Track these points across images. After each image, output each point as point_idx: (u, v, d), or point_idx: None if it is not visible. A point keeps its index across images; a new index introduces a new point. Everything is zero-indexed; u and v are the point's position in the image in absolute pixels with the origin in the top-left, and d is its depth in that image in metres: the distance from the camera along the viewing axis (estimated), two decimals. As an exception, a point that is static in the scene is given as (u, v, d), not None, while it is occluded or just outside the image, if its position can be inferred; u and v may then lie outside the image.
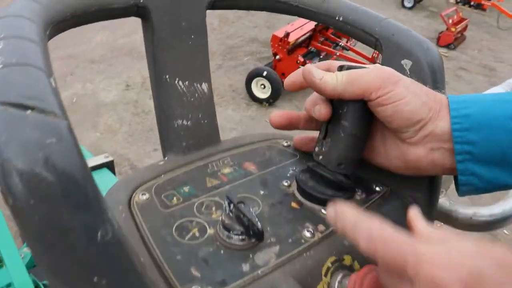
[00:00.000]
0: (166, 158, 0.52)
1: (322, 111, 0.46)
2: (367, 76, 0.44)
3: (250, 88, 4.56)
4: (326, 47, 4.39)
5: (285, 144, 0.58)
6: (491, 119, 0.41)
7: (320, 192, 0.46)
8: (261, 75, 4.38)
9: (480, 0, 10.41)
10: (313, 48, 4.42)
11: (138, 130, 3.77)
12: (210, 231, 0.42)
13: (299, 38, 4.32)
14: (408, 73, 0.52)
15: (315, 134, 0.52)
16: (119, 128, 3.92)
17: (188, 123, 0.53)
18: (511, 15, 8.77)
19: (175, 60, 0.52)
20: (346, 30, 0.58)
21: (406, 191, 0.52)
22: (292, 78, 0.51)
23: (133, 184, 0.46)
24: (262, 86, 4.49)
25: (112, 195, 0.45)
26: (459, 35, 6.84)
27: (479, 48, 7.06)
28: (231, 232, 0.40)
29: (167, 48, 0.52)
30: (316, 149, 0.48)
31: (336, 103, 0.46)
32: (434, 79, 0.51)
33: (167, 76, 0.52)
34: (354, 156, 0.46)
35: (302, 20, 5.76)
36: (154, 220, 0.42)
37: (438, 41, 6.52)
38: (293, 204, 0.46)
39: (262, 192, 0.48)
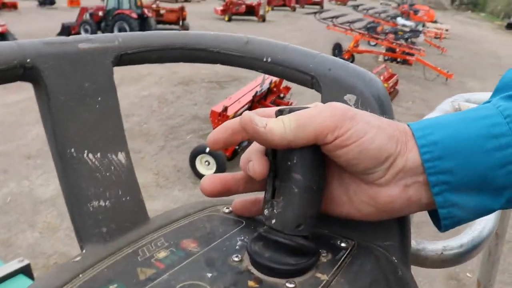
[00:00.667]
0: (83, 251, 0.44)
1: (256, 168, 0.41)
2: (319, 116, 0.39)
3: (195, 166, 4.56)
4: (266, 118, 4.45)
5: (227, 210, 0.51)
6: (463, 142, 0.37)
7: (280, 262, 0.40)
8: (204, 152, 4.40)
9: (405, 57, 11.20)
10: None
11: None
12: None
13: (237, 111, 4.40)
14: None
15: (258, 194, 0.46)
16: (60, 225, 3.73)
17: (107, 203, 0.46)
18: (435, 67, 9.44)
19: (80, 129, 0.45)
20: (277, 72, 0.53)
21: (374, 242, 0.47)
22: (215, 135, 0.44)
23: None
24: (207, 163, 4.48)
25: None
26: (392, 89, 7.23)
27: (412, 99, 7.47)
28: None
29: (69, 116, 0.45)
30: (266, 212, 0.42)
31: (281, 153, 0.41)
32: (382, 111, 0.48)
33: (72, 150, 0.45)
34: (313, 212, 0.41)
35: (240, 93, 5.90)
36: None
37: (374, 99, 6.83)
38: (250, 283, 0.39)
39: (209, 275, 0.39)
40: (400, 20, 15.49)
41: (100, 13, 14.94)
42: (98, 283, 0.39)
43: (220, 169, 4.26)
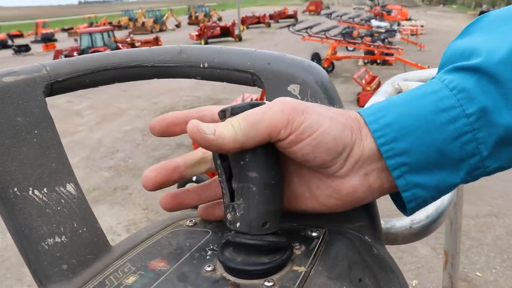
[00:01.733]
0: None
1: (147, 174, 0.43)
2: (270, 113, 0.38)
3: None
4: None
5: (191, 223, 0.49)
6: (415, 120, 0.38)
7: (254, 263, 0.39)
8: (191, 181, 4.32)
9: (385, 57, 11.27)
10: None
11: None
12: None
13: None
14: (300, 98, 0.48)
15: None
16: (48, 276, 3.57)
17: (63, 239, 0.43)
18: (414, 64, 9.47)
19: (20, 166, 0.43)
20: (217, 76, 0.53)
21: (345, 226, 0.47)
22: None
23: None
24: (195, 191, 4.37)
25: None
26: (375, 91, 7.27)
27: (397, 100, 7.50)
28: None
29: (6, 154, 0.43)
30: (229, 216, 0.41)
31: (233, 154, 0.39)
32: (330, 99, 0.48)
33: (15, 189, 0.43)
34: (277, 207, 0.41)
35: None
36: None
37: (358, 102, 6.82)
38: None
39: None
40: (375, 22, 15.63)
41: (75, 54, 14.99)
42: None
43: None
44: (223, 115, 0.39)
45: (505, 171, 0.40)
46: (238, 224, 0.40)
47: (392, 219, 0.63)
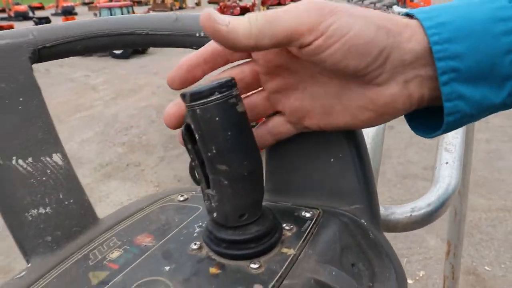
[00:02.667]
0: (29, 264, 0.41)
1: (168, 111, 0.40)
2: (293, 12, 0.34)
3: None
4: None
5: (181, 198, 0.49)
6: (471, 24, 0.34)
7: (240, 248, 0.38)
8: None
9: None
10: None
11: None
12: None
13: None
14: None
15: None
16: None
17: (48, 210, 0.42)
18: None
19: (4, 134, 0.42)
20: None
21: (340, 208, 0.46)
22: (171, 74, 0.41)
23: None
24: (207, 170, 4.40)
25: None
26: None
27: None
28: None
29: None
30: (206, 204, 0.39)
31: (200, 142, 0.36)
32: None
33: None
34: (255, 197, 0.38)
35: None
36: None
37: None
38: (212, 270, 0.37)
39: (167, 268, 0.38)
40: (397, 8, 15.29)
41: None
42: None
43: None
44: (183, 99, 0.36)
45: None
46: (215, 214, 0.38)
47: (392, 206, 0.62)
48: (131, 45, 0.53)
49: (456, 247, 1.09)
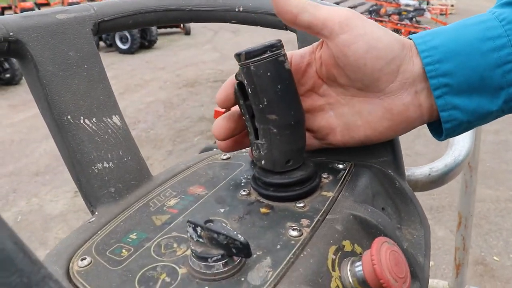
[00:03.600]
0: (96, 213, 0.45)
1: (218, 95, 0.44)
2: (334, 8, 0.41)
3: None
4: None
5: (225, 157, 0.54)
6: (462, 45, 0.39)
7: (285, 190, 0.42)
8: (211, 148, 4.31)
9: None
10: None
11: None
12: (182, 270, 0.35)
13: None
14: None
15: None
16: (70, 240, 3.65)
17: (110, 164, 0.47)
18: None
19: (72, 96, 0.47)
20: (251, 20, 0.56)
21: (370, 161, 0.50)
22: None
23: (66, 253, 0.38)
24: (215, 164, 4.39)
25: None
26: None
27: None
28: (209, 259, 0.33)
29: (60, 85, 0.46)
30: (254, 153, 0.44)
31: (252, 95, 0.41)
32: None
33: (69, 117, 0.46)
34: (300, 145, 0.43)
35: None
36: (108, 284, 0.34)
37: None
38: (263, 210, 0.42)
39: (222, 210, 0.42)
40: (403, 0, 15.24)
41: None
42: (119, 235, 0.40)
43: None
44: (238, 58, 0.40)
45: None
46: (263, 162, 0.43)
47: (412, 167, 0.67)
48: (176, 19, 0.58)
49: (467, 219, 1.13)
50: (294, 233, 0.38)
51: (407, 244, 0.43)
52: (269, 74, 0.39)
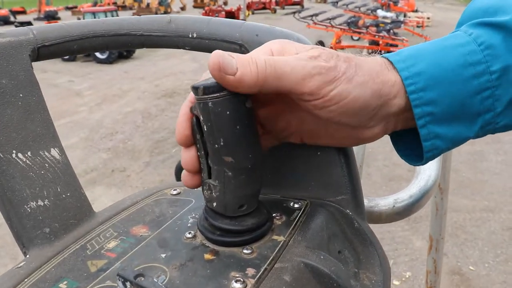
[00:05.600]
0: (27, 256, 0.42)
1: (176, 132, 0.40)
2: (300, 71, 0.36)
3: (179, 176, 4.42)
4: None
5: (174, 192, 0.51)
6: (444, 72, 0.38)
7: (233, 236, 0.40)
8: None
9: (389, 48, 11.17)
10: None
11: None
12: None
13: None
14: None
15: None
16: (43, 255, 3.57)
17: (45, 202, 0.44)
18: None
19: (4, 128, 0.44)
20: (204, 46, 0.53)
21: (327, 199, 0.48)
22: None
23: None
24: (193, 175, 4.37)
25: None
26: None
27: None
28: None
29: None
30: (205, 193, 0.41)
31: (208, 133, 0.37)
32: None
33: None
34: (255, 189, 0.41)
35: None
36: None
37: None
38: (207, 256, 0.39)
39: (164, 255, 0.39)
40: (381, 12, 15.47)
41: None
42: (47, 283, 0.37)
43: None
44: (195, 92, 0.37)
45: (503, 168, 0.40)
46: (214, 204, 0.40)
47: (375, 198, 0.64)
48: (126, 45, 0.55)
49: (438, 242, 1.12)
50: (237, 285, 0.35)
51: None
52: (228, 113, 0.36)
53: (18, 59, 0.46)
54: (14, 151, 0.44)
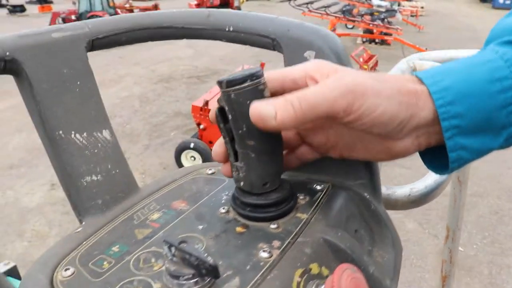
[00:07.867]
0: (83, 223, 0.48)
1: (214, 152, 0.46)
2: (330, 95, 0.39)
3: (181, 163, 4.51)
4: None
5: (209, 172, 0.56)
6: (471, 87, 0.40)
7: (262, 211, 0.44)
8: (188, 148, 4.38)
9: (383, 37, 11.23)
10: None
11: (70, 230, 3.54)
12: (156, 285, 0.37)
13: (219, 103, 4.37)
14: None
15: None
16: (49, 232, 3.68)
17: (99, 177, 0.50)
18: (413, 45, 9.48)
19: (65, 112, 0.49)
20: (240, 39, 0.57)
21: (348, 183, 0.52)
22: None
23: (52, 262, 0.40)
24: (192, 158, 4.45)
25: (28, 282, 0.39)
26: (372, 70, 7.23)
27: (393, 80, 7.54)
28: (180, 278, 0.35)
29: (53, 101, 0.48)
30: (234, 174, 0.45)
31: (232, 121, 0.42)
32: (340, 63, 0.51)
33: (60, 132, 0.48)
34: (277, 168, 0.45)
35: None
36: None
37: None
38: (238, 229, 0.44)
39: (201, 227, 0.44)
40: (375, 1, 15.48)
41: (73, 17, 14.73)
42: (102, 246, 0.42)
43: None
44: (220, 85, 0.41)
45: (494, 155, 0.45)
46: (242, 183, 0.45)
47: (393, 186, 0.69)
48: (169, 37, 0.60)
49: (454, 232, 1.14)
50: (264, 254, 0.39)
51: (375, 268, 0.44)
52: (248, 102, 0.40)
53: (76, 51, 0.51)
54: (73, 132, 0.49)
